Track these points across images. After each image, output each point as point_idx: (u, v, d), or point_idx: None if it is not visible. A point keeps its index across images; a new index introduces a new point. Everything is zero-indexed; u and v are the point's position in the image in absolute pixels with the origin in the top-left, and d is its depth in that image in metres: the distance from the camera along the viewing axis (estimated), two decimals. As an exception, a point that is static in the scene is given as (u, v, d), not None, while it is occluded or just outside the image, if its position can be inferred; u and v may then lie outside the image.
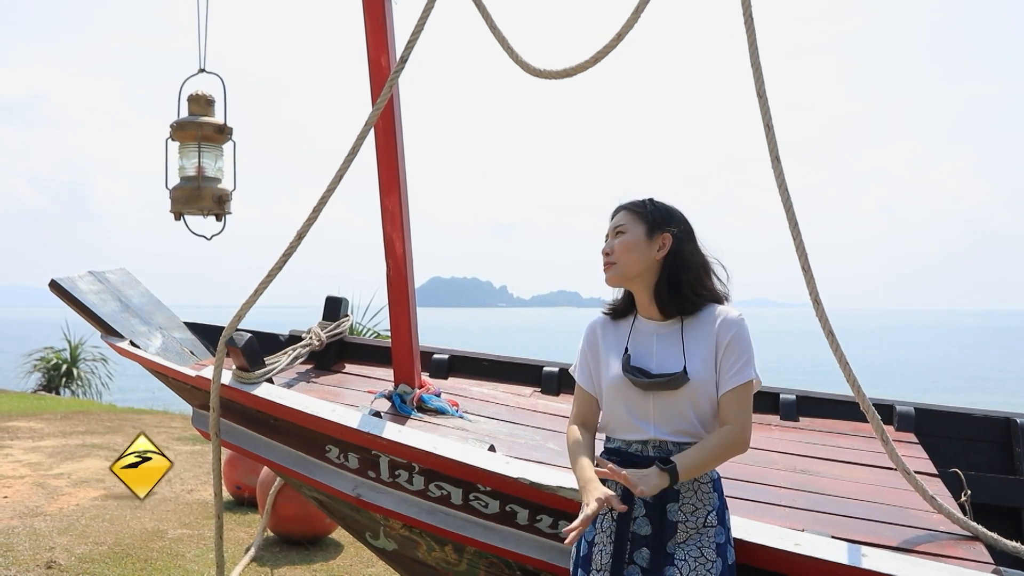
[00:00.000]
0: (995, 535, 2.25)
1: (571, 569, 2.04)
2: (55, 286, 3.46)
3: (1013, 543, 2.22)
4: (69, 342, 15.06)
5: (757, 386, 1.97)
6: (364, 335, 8.22)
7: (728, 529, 1.97)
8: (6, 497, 5.74)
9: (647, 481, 1.82)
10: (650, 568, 1.89)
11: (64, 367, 14.81)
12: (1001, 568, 2.03)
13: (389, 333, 3.41)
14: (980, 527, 2.29)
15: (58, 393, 14.35)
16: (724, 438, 1.91)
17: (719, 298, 2.04)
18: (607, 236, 2.08)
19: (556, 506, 2.30)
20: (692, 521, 1.91)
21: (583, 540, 2.00)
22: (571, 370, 2.18)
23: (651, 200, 2.07)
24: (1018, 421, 3.25)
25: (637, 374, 1.94)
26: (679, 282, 1.99)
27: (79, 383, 14.88)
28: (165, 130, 3.56)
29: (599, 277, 2.12)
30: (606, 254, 2.05)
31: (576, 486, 2.21)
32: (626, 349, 2.01)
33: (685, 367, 1.92)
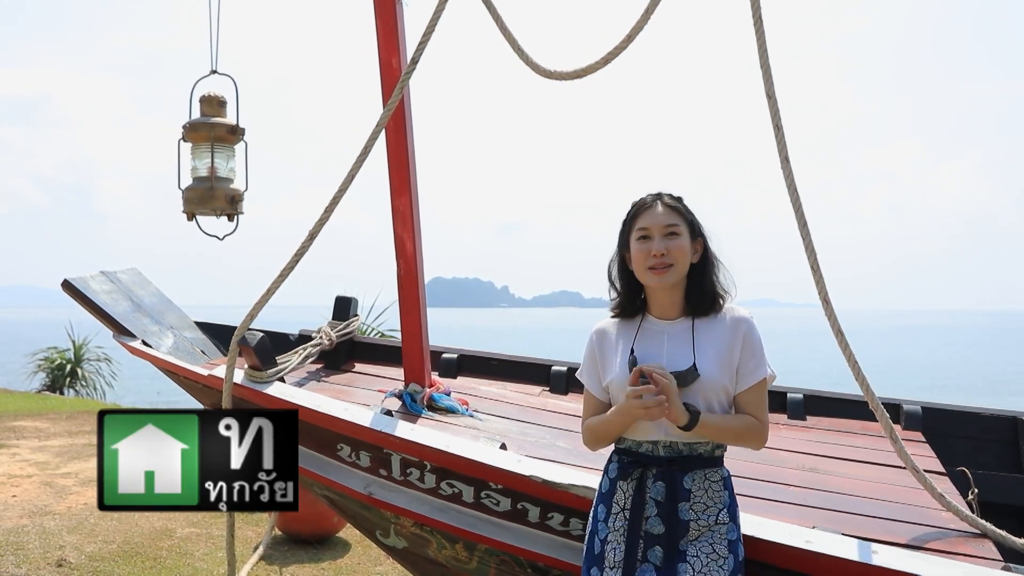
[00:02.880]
0: (1004, 532, 2.27)
1: (583, 566, 2.05)
2: (68, 286, 3.49)
3: (1021, 540, 2.24)
4: (73, 342, 15.11)
5: (771, 381, 2.01)
6: (369, 335, 8.24)
7: (739, 526, 1.99)
8: (15, 496, 5.77)
9: (677, 404, 1.86)
10: (663, 566, 1.90)
11: (68, 367, 14.86)
12: (1010, 564, 2.05)
13: (393, 333, 3.43)
14: (989, 525, 2.30)
15: (62, 393, 14.39)
16: (749, 421, 1.96)
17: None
18: (647, 230, 2.00)
19: (568, 504, 2.31)
20: (704, 519, 1.92)
21: (595, 538, 2.01)
22: (578, 374, 2.18)
23: (681, 200, 2.05)
24: None
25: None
26: (712, 284, 2.02)
27: (83, 383, 14.92)
28: (168, 130, 3.61)
29: (601, 277, 2.10)
30: (661, 255, 1.96)
31: (588, 484, 2.23)
32: (632, 351, 2.01)
33: (695, 364, 1.93)
